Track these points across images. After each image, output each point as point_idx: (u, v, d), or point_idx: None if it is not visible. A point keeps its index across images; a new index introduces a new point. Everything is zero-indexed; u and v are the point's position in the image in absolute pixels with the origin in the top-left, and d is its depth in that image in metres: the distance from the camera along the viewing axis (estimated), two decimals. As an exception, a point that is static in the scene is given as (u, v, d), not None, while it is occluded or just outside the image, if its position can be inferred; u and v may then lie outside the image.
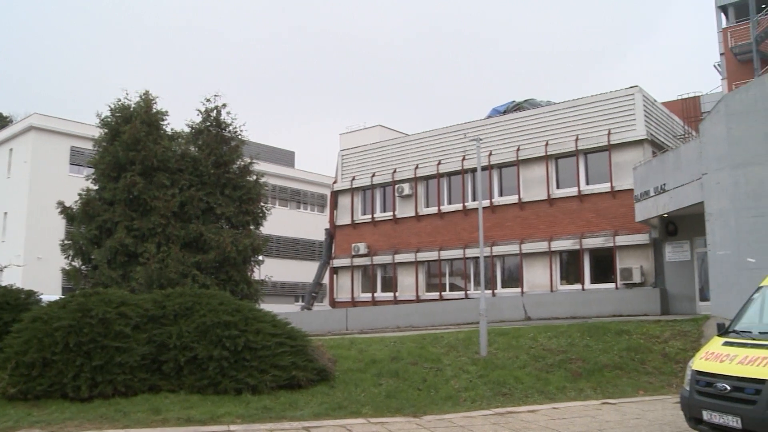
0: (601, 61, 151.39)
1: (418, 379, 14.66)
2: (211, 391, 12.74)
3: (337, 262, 36.16)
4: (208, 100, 23.21)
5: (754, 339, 9.08)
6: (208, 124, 23.14)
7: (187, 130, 23.32)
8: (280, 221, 43.58)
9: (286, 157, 56.34)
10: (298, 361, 13.53)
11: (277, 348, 13.34)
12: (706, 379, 8.87)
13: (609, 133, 27.16)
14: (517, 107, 32.85)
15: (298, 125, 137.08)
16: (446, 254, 31.61)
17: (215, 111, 23.24)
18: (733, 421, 8.28)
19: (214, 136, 22.83)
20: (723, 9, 37.23)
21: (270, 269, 33.40)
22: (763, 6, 33.73)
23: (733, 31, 35.44)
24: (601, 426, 11.17)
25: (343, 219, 36.41)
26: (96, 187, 22.05)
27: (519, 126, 30.20)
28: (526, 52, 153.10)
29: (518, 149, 29.61)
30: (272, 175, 45.11)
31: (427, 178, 33.19)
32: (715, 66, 37.82)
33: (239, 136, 23.49)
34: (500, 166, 30.53)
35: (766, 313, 9.89)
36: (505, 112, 32.69)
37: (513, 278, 29.84)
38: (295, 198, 53.60)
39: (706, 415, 8.70)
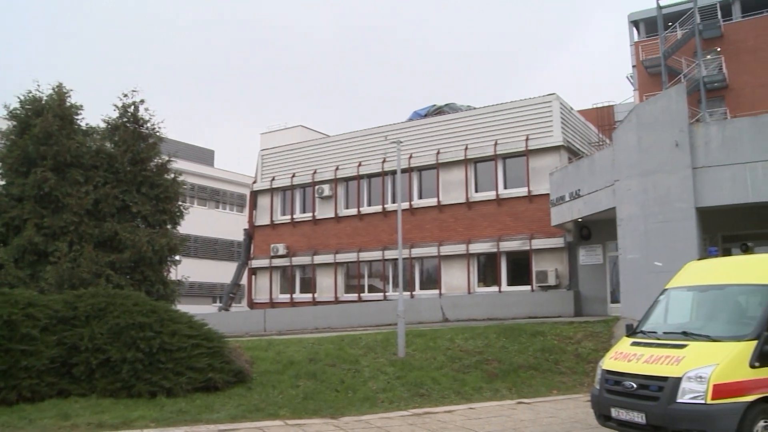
0: (522, 66, 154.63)
1: (336, 380, 14.67)
2: (124, 394, 12.45)
3: (255, 263, 35.81)
4: (125, 96, 22.57)
5: (659, 339, 9.48)
6: (125, 120, 22.51)
7: (102, 125, 22.63)
8: (198, 221, 42.85)
9: (205, 156, 55.50)
10: (215, 362, 13.36)
11: (193, 350, 13.13)
12: (614, 378, 9.20)
13: (527, 139, 27.77)
14: (438, 111, 33.23)
15: (219, 124, 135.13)
16: (365, 256, 31.71)
17: (133, 107, 22.61)
18: (638, 417, 8.62)
19: (131, 132, 22.22)
20: (635, 24, 38.62)
21: (187, 269, 32.79)
22: (670, 24, 35.14)
23: (644, 45, 36.78)
24: (516, 425, 11.42)
25: (263, 219, 36.09)
26: (3, 183, 21.18)
27: (439, 129, 30.56)
28: (452, 54, 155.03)
29: (438, 152, 29.96)
30: (191, 174, 44.33)
31: (347, 180, 33.23)
32: (627, 77, 39.22)
33: (157, 133, 22.93)
34: (420, 169, 30.83)
35: (670, 315, 10.34)
36: (426, 116, 33.03)
37: (431, 280, 30.16)
38: (214, 197, 52.85)
39: (614, 413, 9.02)
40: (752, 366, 8.27)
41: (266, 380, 14.31)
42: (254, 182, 37.20)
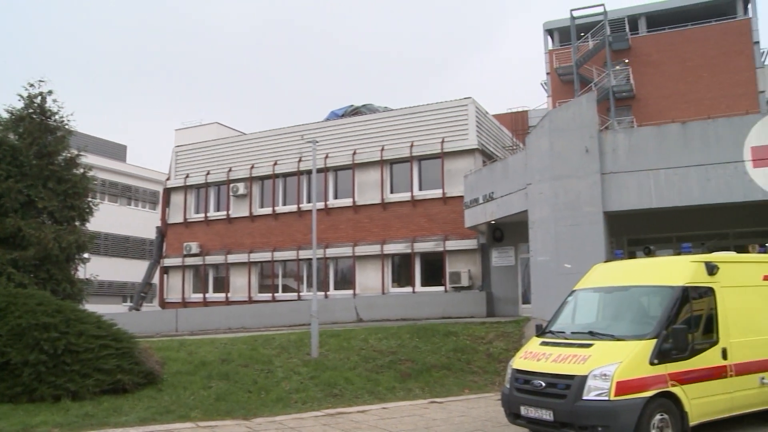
0: (443, 69, 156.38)
1: (249, 381, 14.51)
2: (25, 399, 11.93)
3: (168, 262, 35.08)
4: (31, 86, 21.63)
5: (566, 339, 9.80)
6: (31, 111, 21.55)
7: (6, 116, 21.69)
8: (109, 218, 41.64)
9: (117, 151, 53.92)
10: (124, 364, 13.00)
11: (101, 351, 12.72)
12: (524, 377, 9.46)
13: (442, 142, 28.12)
14: (355, 111, 33.32)
15: (132, 119, 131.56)
16: (280, 255, 31.50)
17: (40, 97, 21.72)
18: (546, 415, 8.89)
19: (38, 124, 21.32)
20: (550, 32, 39.66)
21: (97, 268, 31.75)
22: (583, 34, 36.26)
23: (558, 54, 37.83)
24: (428, 424, 11.55)
25: (176, 217, 35.37)
26: None
27: (356, 130, 30.63)
28: (373, 54, 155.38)
29: (354, 153, 30.02)
30: (102, 169, 43.03)
31: (262, 179, 32.93)
32: (542, 84, 40.20)
33: (66, 126, 22.05)
34: (336, 169, 30.83)
35: (578, 315, 10.70)
36: (343, 116, 33.06)
37: (346, 280, 30.19)
38: (126, 194, 51.40)
39: (523, 410, 9.28)
40: (652, 363, 8.70)
41: (177, 381, 14.03)
42: (168, 179, 36.44)
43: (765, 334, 10.45)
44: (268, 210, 32.49)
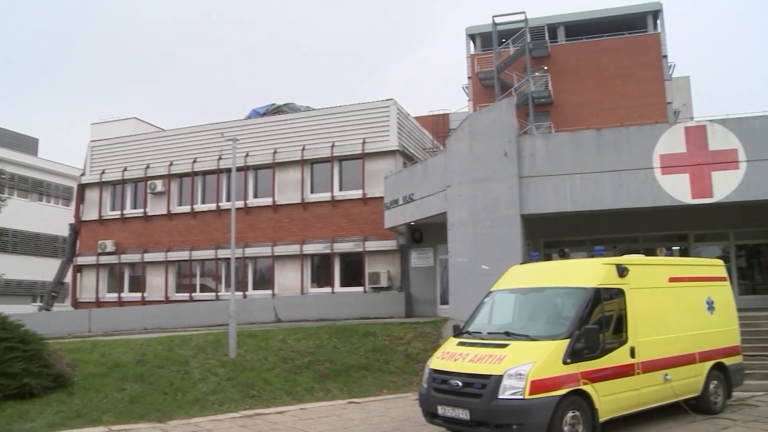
0: (368, 69, 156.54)
1: (165, 382, 14.24)
2: None
3: (81, 260, 34.00)
4: (-65, 77, 20.76)
5: (483, 339, 9.98)
6: (-65, 102, 20.69)
7: None
8: (18, 214, 39.98)
9: (28, 144, 51.82)
10: (32, 367, 12.52)
11: (6, 353, 12.20)
12: (441, 377, 9.58)
13: (364, 142, 28.19)
14: (276, 110, 33.07)
15: (45, 111, 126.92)
16: (198, 254, 30.99)
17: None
18: (463, 414, 9.03)
19: (-59, 116, 20.48)
20: (472, 37, 40.20)
21: (5, 266, 30.73)
22: (504, 40, 36.93)
23: (480, 59, 38.34)
24: (346, 425, 11.56)
25: (90, 214, 34.33)
26: None
27: (277, 129, 30.41)
28: (296, 52, 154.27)
29: (275, 152, 29.79)
30: (11, 163, 41.33)
31: (181, 176, 32.32)
32: (463, 88, 40.66)
33: (-28, 118, 21.26)
34: (256, 168, 30.53)
35: (495, 316, 10.91)
36: (264, 114, 32.77)
37: (265, 280, 29.92)
38: (38, 189, 49.48)
39: (440, 410, 9.39)
40: (565, 362, 8.95)
41: (89, 384, 13.65)
42: (82, 175, 35.33)
43: (670, 333, 10.94)
44: (186, 208, 31.91)
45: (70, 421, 11.47)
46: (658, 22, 37.13)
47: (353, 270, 28.40)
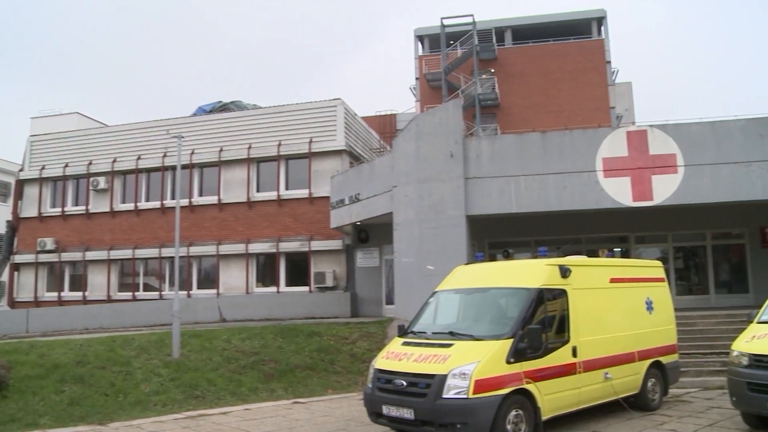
0: (318, 68, 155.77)
1: (106, 384, 13.95)
2: None
3: (19, 258, 33.05)
4: None
5: (428, 339, 10.03)
6: None
7: None
8: (-50, 210, 38.85)
9: (-39, 139, 50.39)
10: (-37, 369, 12.16)
11: (-65, 354, 11.84)
12: (386, 377, 9.61)
13: (311, 142, 28.07)
14: (223, 108, 32.71)
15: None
16: (141, 253, 30.46)
17: None
18: (407, 414, 9.06)
19: None
20: (420, 39, 40.39)
21: (-65, 264, 29.70)
22: (452, 42, 37.22)
23: (428, 60, 38.56)
24: (291, 425, 11.50)
25: (29, 211, 33.41)
26: None
27: (223, 127, 30.07)
28: (243, 50, 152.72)
29: (221, 150, 29.47)
30: (-57, 158, 40.12)
31: (125, 173, 31.72)
32: (411, 89, 40.83)
33: None
34: (202, 166, 30.14)
35: (439, 316, 10.98)
36: (211, 112, 32.38)
37: (209, 279, 29.59)
38: (-28, 185, 48.13)
39: (385, 410, 9.41)
40: (508, 362, 9.06)
41: (26, 386, 13.28)
42: (21, 170, 34.33)
43: (610, 332, 11.17)
44: (130, 206, 31.32)
45: (4, 425, 11.17)
46: (602, 28, 37.91)
47: (299, 269, 28.26)
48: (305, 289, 27.57)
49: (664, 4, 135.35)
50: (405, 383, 9.23)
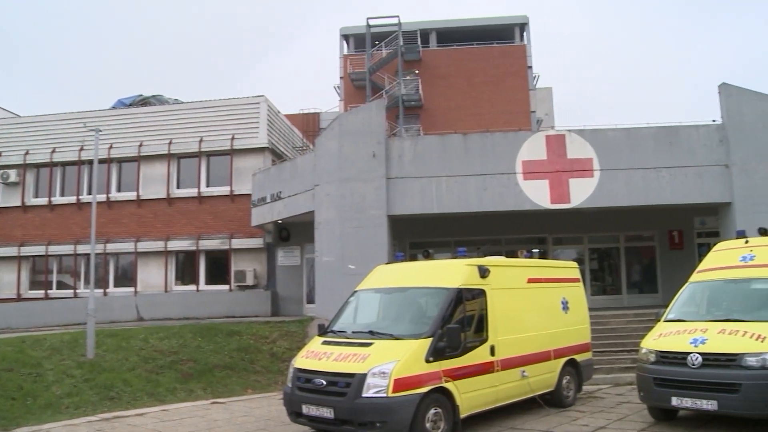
0: (240, 64, 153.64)
1: (13, 387, 13.38)
2: None
3: None
4: None
5: (348, 338, 10.07)
6: None
7: None
8: None
9: None
10: None
11: None
12: (306, 376, 9.59)
13: (233, 138, 27.74)
14: (143, 101, 31.97)
15: None
16: (55, 249, 29.49)
17: None
18: (327, 413, 9.07)
19: None
20: (346, 38, 40.36)
21: None
22: (377, 42, 37.34)
23: (352, 59, 38.56)
24: (210, 425, 11.35)
25: (-68, 205, 31.98)
26: None
27: (144, 121, 29.40)
28: (166, 43, 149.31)
29: (141, 145, 28.81)
30: None
31: (38, 166, 30.62)
32: (335, 88, 40.75)
33: None
34: (120, 161, 29.40)
35: (359, 315, 11.03)
36: (130, 105, 31.58)
37: (127, 277, 28.91)
38: None
39: (305, 409, 9.39)
40: (427, 361, 9.16)
41: None
42: (-76, 162, 32.83)
43: (527, 331, 11.43)
44: (43, 200, 30.27)
45: None
46: (525, 34, 38.68)
47: (219, 268, 27.91)
48: (225, 287, 27.25)
49: (586, 13, 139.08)
50: (325, 382, 9.24)
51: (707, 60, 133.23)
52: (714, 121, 19.69)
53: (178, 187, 28.69)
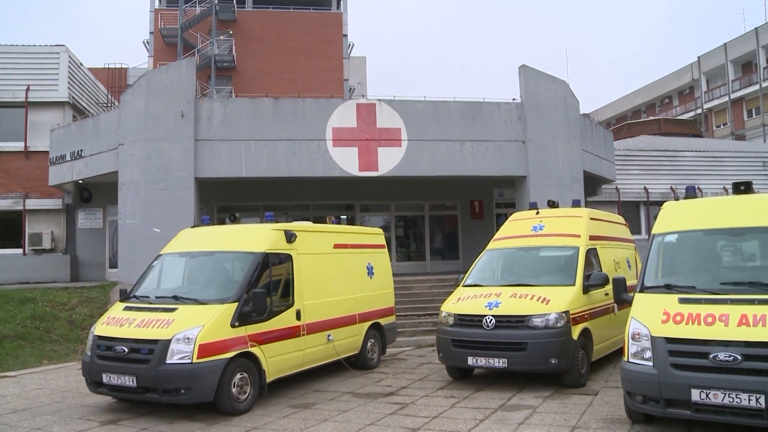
0: (39, 10, 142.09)
1: None
2: None
3: None
4: None
5: (151, 303, 9.85)
6: None
7: None
8: None
9: None
10: None
11: None
12: (106, 344, 9.27)
13: (28, 89, 25.65)
14: None
15: None
16: None
17: None
18: (129, 381, 8.85)
19: None
20: (158, -9, 38.58)
21: None
22: (191, -2, 36.09)
23: (164, 14, 36.95)
24: (-3, 400, 10.63)
25: None
26: None
27: None
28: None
29: None
30: None
31: None
32: (144, 42, 38.89)
33: None
34: None
35: (164, 279, 10.79)
36: None
37: None
38: None
39: (105, 378, 9.10)
40: (233, 326, 9.16)
41: None
42: None
43: (333, 296, 11.73)
44: None
45: None
46: (341, 2, 38.82)
47: (11, 230, 25.94)
48: (19, 251, 25.40)
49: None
50: (127, 350, 8.99)
51: (520, 45, 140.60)
52: (514, 99, 20.94)
53: (-37, 141, 26.28)
